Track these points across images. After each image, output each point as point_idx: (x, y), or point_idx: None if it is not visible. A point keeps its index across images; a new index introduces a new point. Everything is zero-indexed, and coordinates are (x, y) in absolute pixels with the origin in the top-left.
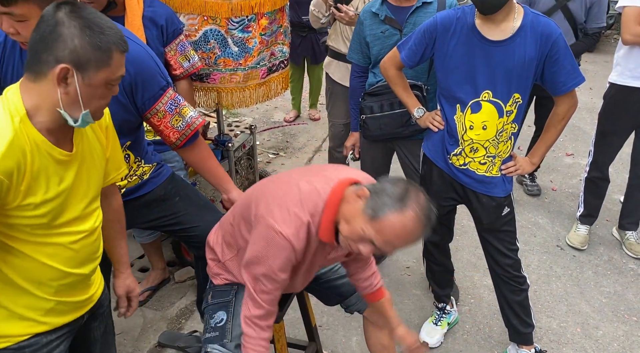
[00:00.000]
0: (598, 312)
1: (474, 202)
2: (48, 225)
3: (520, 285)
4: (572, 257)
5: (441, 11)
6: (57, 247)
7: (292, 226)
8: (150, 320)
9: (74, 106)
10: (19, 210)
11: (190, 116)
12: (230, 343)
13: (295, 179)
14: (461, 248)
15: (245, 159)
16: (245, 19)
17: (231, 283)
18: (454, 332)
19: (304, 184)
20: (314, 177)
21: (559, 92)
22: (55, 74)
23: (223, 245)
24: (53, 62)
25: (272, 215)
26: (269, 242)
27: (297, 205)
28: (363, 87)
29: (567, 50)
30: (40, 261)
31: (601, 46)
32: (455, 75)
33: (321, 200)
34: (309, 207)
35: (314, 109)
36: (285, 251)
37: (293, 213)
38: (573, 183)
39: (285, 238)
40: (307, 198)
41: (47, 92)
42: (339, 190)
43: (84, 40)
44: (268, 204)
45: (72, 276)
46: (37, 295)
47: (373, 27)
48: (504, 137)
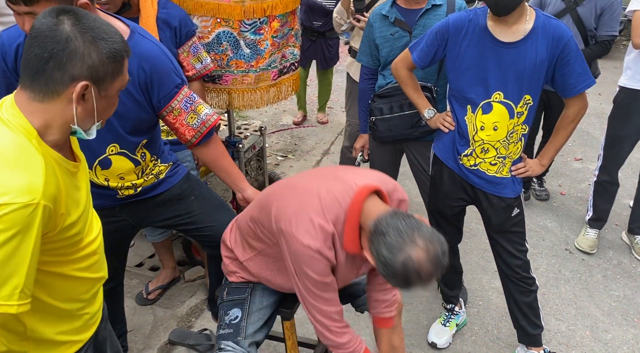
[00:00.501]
0: (607, 315)
1: (484, 202)
2: (81, 240)
3: (529, 286)
4: (581, 260)
5: (453, 13)
6: (88, 258)
7: (318, 239)
8: (160, 318)
9: (87, 119)
10: (61, 233)
11: (205, 113)
12: (244, 341)
13: (315, 188)
14: (470, 250)
15: (255, 160)
16: (257, 21)
17: (247, 282)
18: (462, 333)
19: (324, 193)
20: (332, 184)
21: (569, 94)
22: (76, 92)
23: (243, 244)
24: (69, 81)
25: (297, 230)
26: (302, 257)
27: (319, 215)
28: (372, 89)
29: (578, 52)
30: (76, 276)
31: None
32: (467, 76)
33: (342, 211)
34: (332, 217)
35: (322, 112)
36: (318, 262)
37: (317, 224)
38: (582, 188)
39: (315, 250)
40: (328, 209)
41: (60, 111)
42: (358, 202)
43: (101, 54)
44: (290, 217)
45: (99, 282)
46: (74, 313)
47: (383, 29)
48: (515, 138)
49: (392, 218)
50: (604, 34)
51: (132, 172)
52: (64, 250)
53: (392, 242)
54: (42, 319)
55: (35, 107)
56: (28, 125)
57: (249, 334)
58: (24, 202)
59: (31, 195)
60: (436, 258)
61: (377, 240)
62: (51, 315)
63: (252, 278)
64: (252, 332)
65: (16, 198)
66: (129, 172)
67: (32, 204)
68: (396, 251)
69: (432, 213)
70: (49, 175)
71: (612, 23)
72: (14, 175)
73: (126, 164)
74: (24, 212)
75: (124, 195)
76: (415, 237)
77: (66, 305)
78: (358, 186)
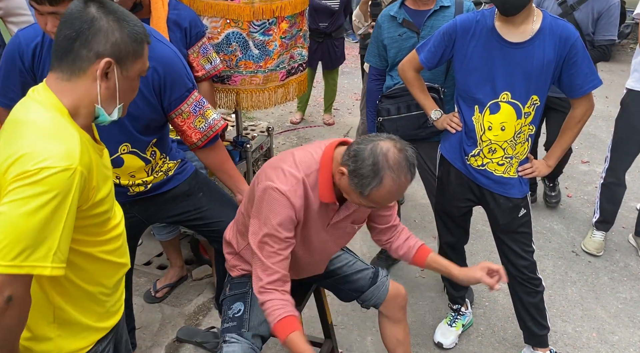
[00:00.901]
0: (614, 317)
1: (491, 203)
2: (108, 220)
3: (535, 287)
4: (587, 262)
5: (460, 14)
6: (113, 241)
7: (287, 183)
8: (168, 316)
9: (110, 101)
10: (92, 208)
11: (212, 118)
12: (248, 333)
13: (291, 151)
14: (476, 252)
15: (263, 160)
16: (266, 22)
17: (248, 275)
18: (468, 333)
19: (297, 151)
20: (307, 147)
21: (576, 95)
22: (100, 68)
23: (237, 235)
24: (94, 57)
25: (269, 178)
26: (267, 201)
27: (291, 166)
28: (380, 89)
29: (585, 53)
30: (103, 259)
31: (617, 55)
32: (474, 77)
33: (314, 162)
34: (304, 168)
35: (328, 113)
36: (283, 207)
37: (288, 172)
38: (588, 191)
39: (282, 192)
40: (301, 161)
41: (85, 89)
42: (329, 151)
43: (123, 33)
44: (268, 175)
45: (122, 268)
46: (99, 298)
47: (391, 30)
48: (522, 138)
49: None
50: (601, 38)
51: (143, 170)
52: (93, 229)
53: (363, 140)
54: (68, 300)
55: (63, 86)
56: (59, 104)
57: (253, 326)
58: (63, 166)
59: (69, 161)
60: (403, 149)
61: (350, 148)
62: (78, 297)
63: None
64: (255, 324)
65: (56, 162)
66: (139, 170)
67: (71, 169)
68: (367, 142)
69: (438, 213)
70: (84, 145)
71: (610, 27)
72: (53, 144)
73: (137, 163)
74: (63, 175)
75: (135, 192)
76: (382, 136)
77: (92, 287)
78: (328, 142)
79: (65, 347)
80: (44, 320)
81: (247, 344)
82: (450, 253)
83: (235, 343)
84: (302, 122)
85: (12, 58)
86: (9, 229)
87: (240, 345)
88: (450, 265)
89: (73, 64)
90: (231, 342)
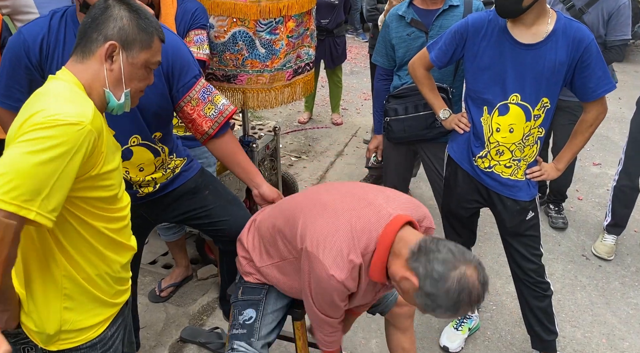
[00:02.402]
0: (624, 323)
1: (498, 205)
2: (115, 197)
3: (543, 291)
4: (598, 267)
5: (472, 13)
6: (119, 220)
7: (345, 270)
8: (172, 316)
9: (118, 85)
10: (100, 179)
11: (222, 103)
12: (257, 343)
13: (346, 211)
14: (484, 254)
15: (269, 160)
16: (273, 21)
17: (263, 283)
18: (475, 337)
19: (355, 221)
20: (363, 210)
21: (589, 98)
22: (105, 50)
23: (261, 250)
24: (102, 40)
25: (324, 256)
26: (323, 283)
27: (350, 246)
28: (387, 89)
29: (599, 56)
30: (110, 237)
31: (631, 56)
32: (485, 77)
33: (373, 241)
34: (361, 248)
35: (336, 113)
36: (339, 292)
37: (346, 256)
38: (600, 193)
39: (339, 281)
40: (359, 239)
41: (95, 71)
42: (392, 233)
43: (131, 21)
44: (318, 239)
45: (130, 250)
46: (109, 277)
47: (399, 29)
48: (531, 140)
49: (439, 240)
50: (614, 38)
51: (152, 163)
52: (100, 203)
53: (445, 258)
54: (80, 272)
55: (78, 68)
56: (76, 80)
57: (262, 336)
58: (74, 121)
59: (80, 118)
60: (485, 281)
61: (427, 256)
62: (88, 272)
63: (268, 282)
64: (265, 334)
65: (67, 117)
66: (149, 163)
67: (81, 123)
68: (451, 266)
69: (445, 215)
70: (96, 112)
71: (622, 27)
72: (67, 104)
73: (147, 155)
74: (72, 128)
75: (144, 194)
76: (467, 256)
77: (101, 264)
78: (392, 216)
79: (75, 321)
80: (54, 293)
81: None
82: None
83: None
84: (309, 121)
85: (17, 56)
86: (9, 166)
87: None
88: None
89: (85, 47)
90: (240, 351)
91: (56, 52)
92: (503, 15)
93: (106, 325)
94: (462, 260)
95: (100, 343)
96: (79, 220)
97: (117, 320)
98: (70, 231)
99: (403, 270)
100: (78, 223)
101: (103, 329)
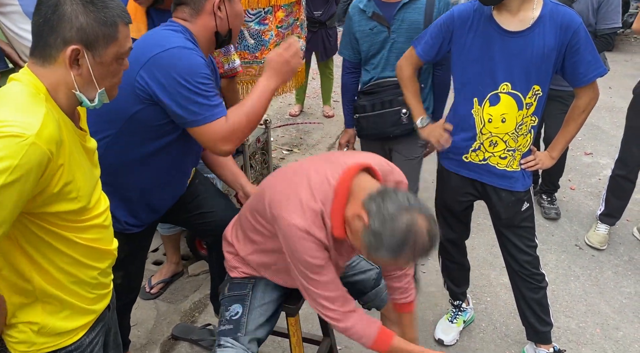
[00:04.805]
0: (618, 312)
1: (493, 197)
2: (84, 208)
3: (538, 282)
4: (591, 256)
5: (457, 5)
6: (94, 230)
7: (306, 217)
8: (163, 313)
9: (89, 86)
10: (60, 194)
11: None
12: (244, 337)
13: (305, 169)
14: (477, 246)
15: (260, 153)
16: (262, 11)
17: (249, 277)
18: (470, 330)
19: (313, 173)
20: (322, 164)
21: (580, 84)
22: (67, 57)
23: (245, 239)
24: (61, 44)
25: (287, 210)
26: (292, 238)
27: (306, 196)
28: (355, 82)
29: (588, 40)
30: (86, 245)
31: (621, 45)
32: (474, 68)
33: (331, 190)
34: (321, 197)
35: (327, 105)
36: (308, 242)
37: (305, 203)
38: (592, 183)
39: (302, 229)
40: (317, 188)
41: (60, 76)
42: (346, 179)
43: (89, 17)
44: (280, 200)
45: (110, 255)
46: (87, 282)
47: (362, 23)
48: (524, 130)
49: (399, 189)
50: (604, 27)
51: None
52: (68, 216)
53: (400, 202)
54: (52, 283)
55: (39, 71)
56: (38, 82)
57: (250, 330)
58: (16, 132)
59: (24, 129)
60: (434, 235)
61: (383, 198)
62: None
63: (255, 273)
64: (253, 328)
65: (11, 126)
66: None
67: (23, 136)
68: (404, 210)
69: (439, 209)
70: (49, 121)
71: (612, 15)
72: (12, 113)
73: None
74: (10, 140)
75: None
76: (422, 208)
77: (76, 271)
78: (347, 164)
79: (52, 324)
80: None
81: (242, 350)
82: (452, 250)
83: (230, 348)
84: (301, 114)
85: None
86: None
87: (235, 351)
88: (409, 335)
89: (44, 51)
90: (226, 347)
91: None
92: (486, 2)
93: (84, 332)
94: (417, 208)
95: (77, 351)
96: (48, 231)
97: (97, 326)
98: (37, 243)
99: (357, 208)
100: (47, 234)
101: (80, 336)
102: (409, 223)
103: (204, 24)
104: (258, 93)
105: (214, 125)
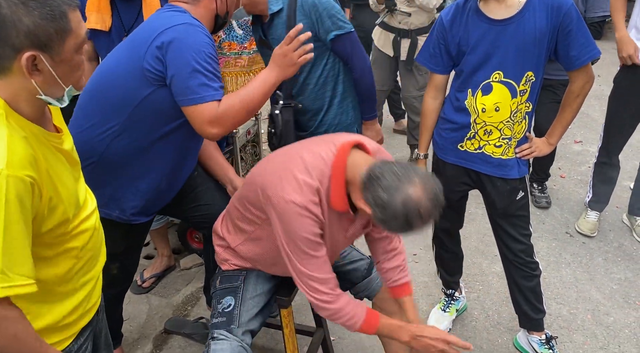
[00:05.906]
0: (608, 298)
1: (488, 186)
2: (74, 216)
3: (532, 271)
4: (581, 243)
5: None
6: (80, 237)
7: (303, 193)
8: (155, 307)
9: (55, 88)
10: (52, 212)
11: None
12: (238, 329)
13: (297, 151)
14: (469, 235)
15: (250, 146)
16: None
17: (240, 269)
18: (462, 318)
19: (306, 154)
20: (313, 145)
21: (573, 66)
22: (24, 66)
23: (235, 230)
24: (12, 53)
25: (282, 189)
26: (287, 215)
27: (303, 172)
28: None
29: (580, 21)
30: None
31: (609, 33)
32: (468, 61)
33: (327, 167)
34: (317, 174)
35: None
36: (305, 218)
37: (301, 180)
38: (582, 171)
39: (299, 205)
40: (312, 166)
41: (19, 85)
42: (342, 156)
43: (33, 16)
44: (273, 181)
45: (97, 263)
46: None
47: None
48: (519, 117)
49: (384, 164)
50: (593, 15)
51: None
52: (61, 228)
53: (388, 184)
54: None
55: None
56: None
57: (243, 322)
58: None
59: None
60: (434, 194)
61: (372, 185)
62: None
63: (246, 264)
64: (246, 320)
65: None
66: None
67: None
68: (393, 191)
69: None
70: (15, 144)
71: (601, 3)
72: None
73: None
74: None
75: None
76: (411, 176)
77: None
78: (340, 142)
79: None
80: None
81: (236, 341)
82: (446, 240)
83: (224, 341)
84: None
85: None
86: None
87: (229, 343)
88: (412, 318)
89: None
90: (219, 339)
91: None
92: None
93: (71, 340)
94: (405, 181)
95: None
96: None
97: (85, 331)
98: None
99: (360, 201)
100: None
101: (68, 344)
102: (404, 201)
103: (206, 5)
104: (257, 83)
105: (206, 106)
